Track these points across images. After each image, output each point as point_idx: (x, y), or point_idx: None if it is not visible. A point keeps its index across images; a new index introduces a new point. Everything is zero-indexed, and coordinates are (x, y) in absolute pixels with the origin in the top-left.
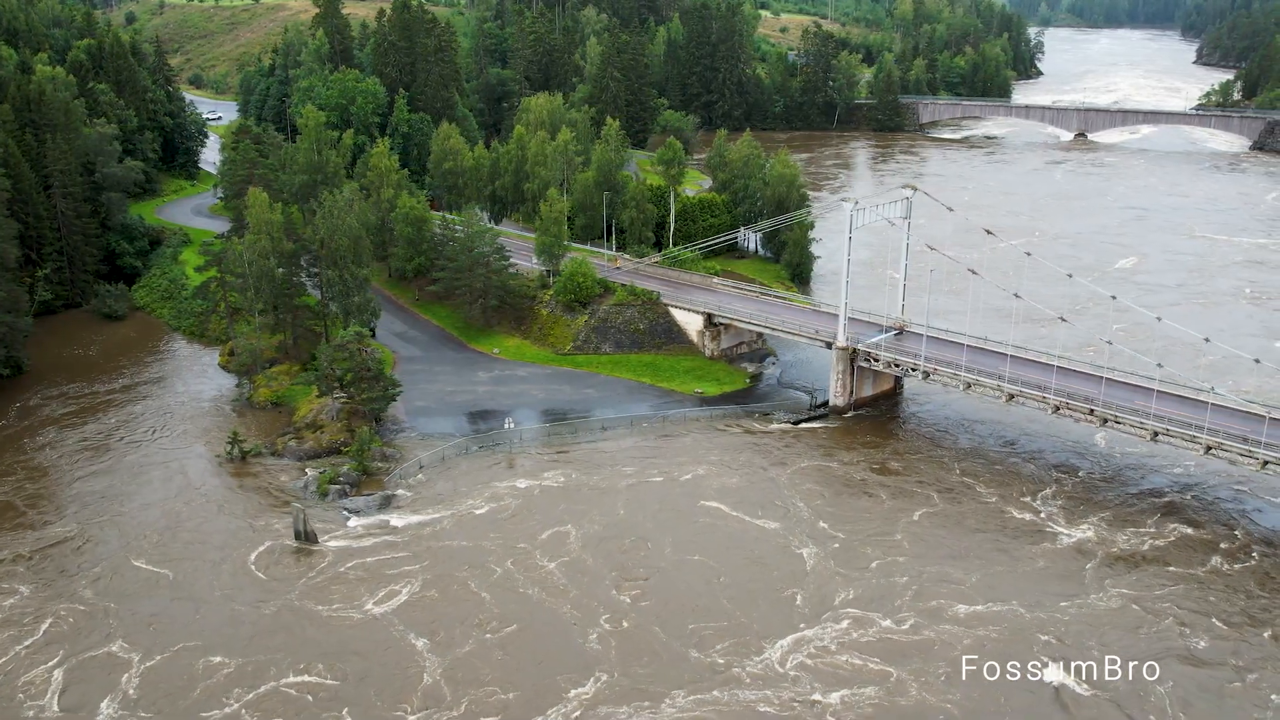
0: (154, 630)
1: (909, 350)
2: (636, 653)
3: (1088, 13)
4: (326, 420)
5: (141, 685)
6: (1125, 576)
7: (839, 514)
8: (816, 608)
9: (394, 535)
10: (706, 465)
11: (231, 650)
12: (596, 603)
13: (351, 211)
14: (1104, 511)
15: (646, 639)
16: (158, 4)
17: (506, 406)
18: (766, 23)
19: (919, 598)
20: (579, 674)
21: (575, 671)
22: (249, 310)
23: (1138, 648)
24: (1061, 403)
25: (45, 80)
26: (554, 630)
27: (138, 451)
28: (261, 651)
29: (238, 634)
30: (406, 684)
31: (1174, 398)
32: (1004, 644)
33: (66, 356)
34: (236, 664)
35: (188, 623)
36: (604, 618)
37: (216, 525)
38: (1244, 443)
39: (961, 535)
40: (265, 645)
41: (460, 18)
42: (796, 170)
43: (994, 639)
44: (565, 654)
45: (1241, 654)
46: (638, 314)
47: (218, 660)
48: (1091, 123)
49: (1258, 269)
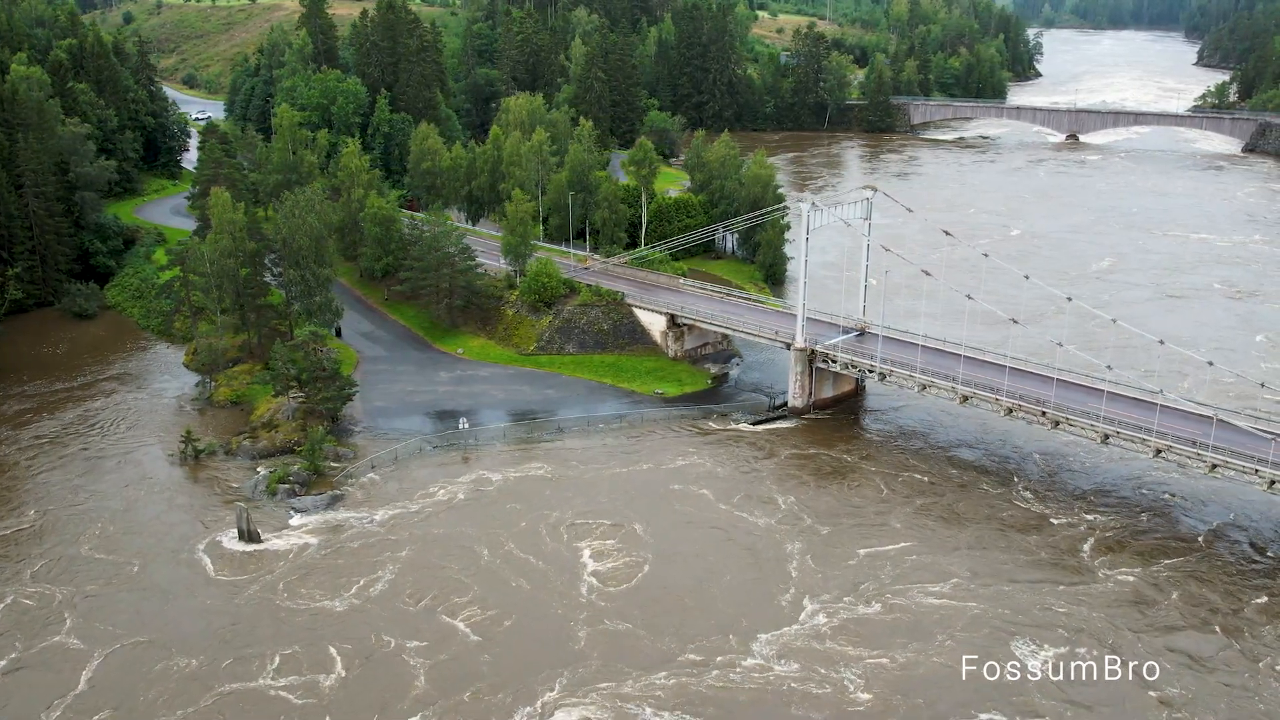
0: (87, 621)
1: (866, 352)
2: (588, 652)
3: (1091, 14)
4: (282, 420)
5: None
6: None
7: (769, 510)
8: (741, 607)
9: (338, 535)
10: (653, 464)
11: (161, 644)
12: (546, 597)
13: (313, 211)
14: (1056, 512)
15: (590, 635)
16: (155, 4)
17: (465, 407)
18: (764, 23)
19: (845, 611)
20: (527, 673)
21: (522, 671)
22: (212, 309)
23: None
24: (1014, 404)
25: (19, 80)
26: (495, 630)
27: (92, 449)
28: (193, 651)
29: (163, 630)
30: (326, 680)
31: (1126, 399)
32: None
33: (34, 355)
34: (155, 656)
35: (120, 616)
36: (557, 610)
37: (161, 524)
38: (1192, 446)
39: (885, 537)
40: (194, 641)
41: (454, 18)
42: (772, 171)
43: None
44: (507, 654)
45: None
46: (602, 314)
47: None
48: (1083, 124)
49: (1230, 266)
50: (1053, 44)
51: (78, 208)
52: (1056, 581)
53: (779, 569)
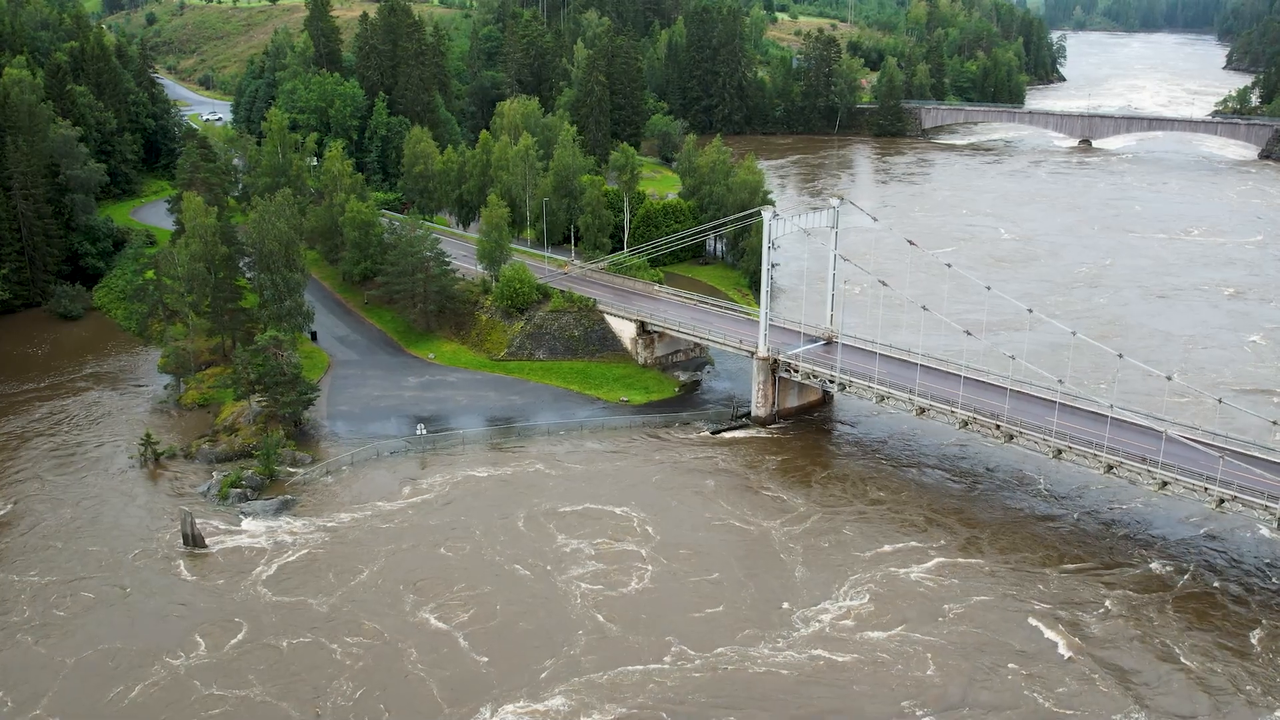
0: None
1: (828, 361)
2: (477, 661)
3: (1123, 17)
4: (244, 424)
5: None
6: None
7: (711, 522)
8: (638, 622)
9: (283, 539)
10: (600, 471)
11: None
12: (487, 602)
13: (283, 216)
14: (991, 532)
15: (490, 643)
16: (178, 5)
17: (429, 412)
18: (783, 26)
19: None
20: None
21: (412, 683)
22: (184, 313)
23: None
24: (970, 417)
25: (12, 83)
26: (417, 647)
27: (54, 450)
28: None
29: (86, 632)
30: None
31: (1082, 413)
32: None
33: (16, 355)
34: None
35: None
36: (498, 614)
37: (110, 526)
38: (1143, 462)
39: (832, 553)
40: (124, 646)
41: (466, 20)
42: (760, 177)
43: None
44: (440, 662)
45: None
46: (573, 320)
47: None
48: (1095, 129)
49: (1218, 268)
50: (1081, 47)
51: (68, 209)
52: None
53: (679, 582)
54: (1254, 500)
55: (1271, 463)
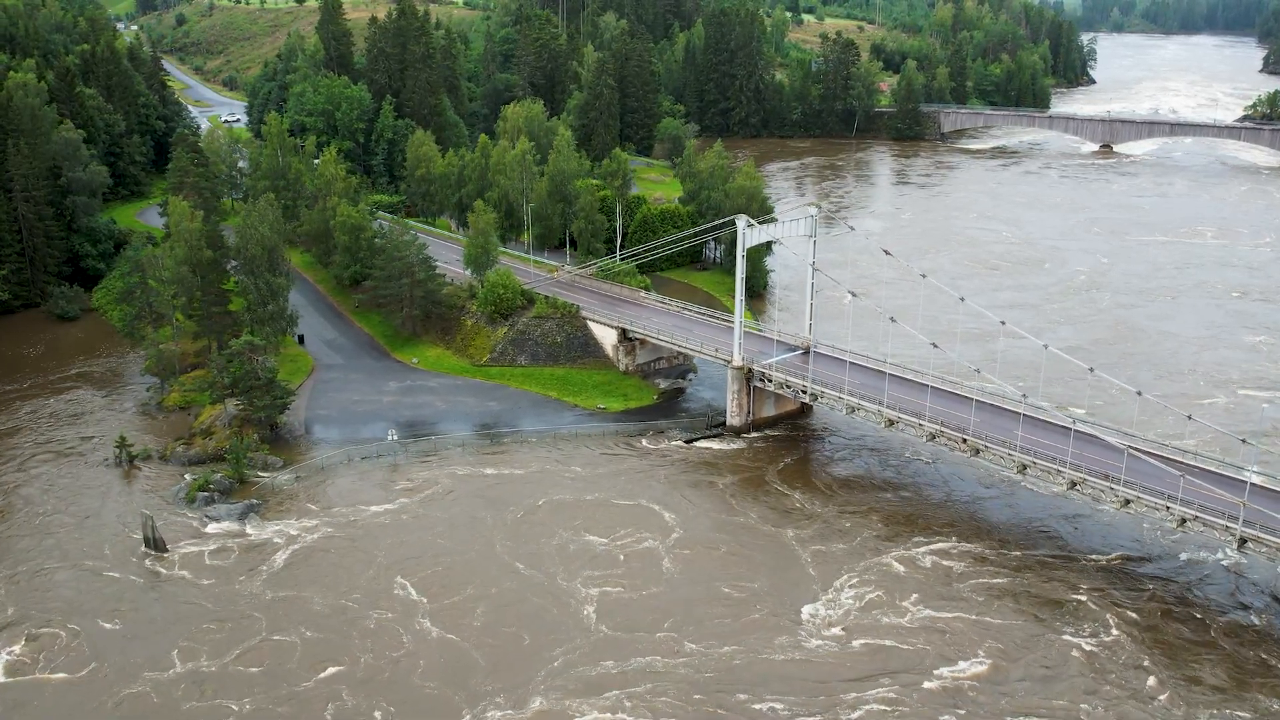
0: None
1: (800, 371)
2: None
3: (1162, 19)
4: (219, 427)
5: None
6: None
7: (627, 532)
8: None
9: (245, 543)
10: (563, 479)
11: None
12: (431, 613)
13: (266, 221)
14: (945, 553)
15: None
16: (207, 6)
17: (405, 418)
18: (809, 28)
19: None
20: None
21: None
22: (168, 316)
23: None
24: (937, 430)
25: (16, 87)
26: (361, 651)
27: (31, 450)
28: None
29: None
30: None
31: (1054, 428)
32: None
33: (10, 355)
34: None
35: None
36: (422, 630)
37: (73, 528)
38: (1106, 480)
39: (758, 569)
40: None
41: (487, 22)
42: (759, 182)
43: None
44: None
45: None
46: (556, 327)
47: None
48: (1117, 134)
49: (1211, 270)
50: (1116, 49)
51: (70, 211)
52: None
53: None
54: (1214, 521)
55: (1234, 479)
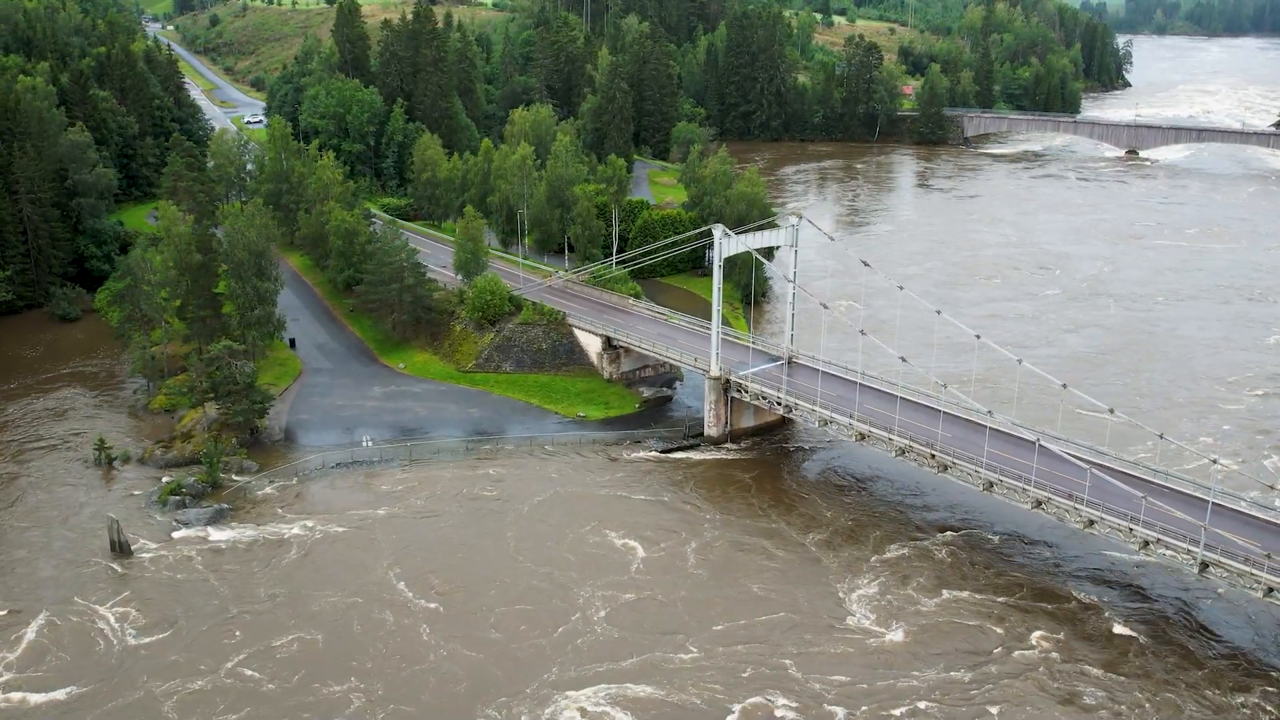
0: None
1: (775, 382)
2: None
3: (1206, 21)
4: (199, 430)
5: None
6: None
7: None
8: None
9: (212, 549)
10: (532, 488)
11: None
12: (393, 618)
13: (253, 225)
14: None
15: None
16: (241, 6)
17: (386, 424)
18: (838, 30)
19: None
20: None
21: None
22: (157, 319)
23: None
24: (907, 445)
25: (25, 90)
26: (317, 660)
27: (14, 449)
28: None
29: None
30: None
31: (1015, 441)
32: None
33: (9, 356)
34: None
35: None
36: (384, 638)
37: (43, 530)
38: (1069, 499)
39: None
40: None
41: (509, 25)
42: (761, 188)
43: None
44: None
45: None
46: (542, 333)
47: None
48: (1142, 139)
49: (1200, 274)
50: (1157, 51)
51: (75, 213)
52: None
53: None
54: (1177, 544)
55: (1197, 499)
